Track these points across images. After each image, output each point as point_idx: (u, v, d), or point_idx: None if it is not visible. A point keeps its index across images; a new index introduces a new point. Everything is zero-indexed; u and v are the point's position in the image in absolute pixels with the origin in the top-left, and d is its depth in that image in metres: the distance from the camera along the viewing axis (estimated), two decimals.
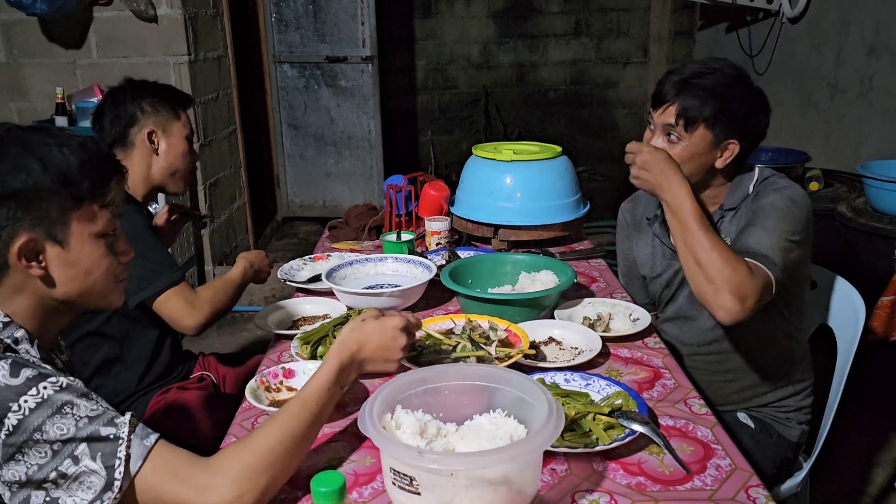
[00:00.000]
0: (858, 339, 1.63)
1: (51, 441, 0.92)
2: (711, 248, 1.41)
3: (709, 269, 1.40)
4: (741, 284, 1.38)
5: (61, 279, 1.05)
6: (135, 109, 1.78)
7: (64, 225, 1.03)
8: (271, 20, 5.11)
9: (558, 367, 1.41)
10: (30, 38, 3.59)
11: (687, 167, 1.52)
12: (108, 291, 1.11)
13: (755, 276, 1.40)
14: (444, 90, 6.05)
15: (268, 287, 3.92)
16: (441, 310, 1.77)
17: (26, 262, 1.02)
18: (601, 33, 5.92)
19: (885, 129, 3.39)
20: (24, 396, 0.92)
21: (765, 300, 1.42)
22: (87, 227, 1.05)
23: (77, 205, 1.03)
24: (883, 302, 2.35)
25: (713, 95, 1.49)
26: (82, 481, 0.93)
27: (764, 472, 1.56)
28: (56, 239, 1.03)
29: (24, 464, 0.92)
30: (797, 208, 1.49)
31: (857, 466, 2.47)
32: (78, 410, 0.94)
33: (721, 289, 1.38)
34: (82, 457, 0.92)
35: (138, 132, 1.78)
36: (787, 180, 1.56)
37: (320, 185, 5.45)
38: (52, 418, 0.92)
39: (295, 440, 1.03)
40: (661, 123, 1.55)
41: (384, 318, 1.20)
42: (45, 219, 1.01)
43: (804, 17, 4.02)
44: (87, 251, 1.06)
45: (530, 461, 0.99)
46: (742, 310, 1.38)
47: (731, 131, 1.51)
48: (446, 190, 2.38)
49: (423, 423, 1.06)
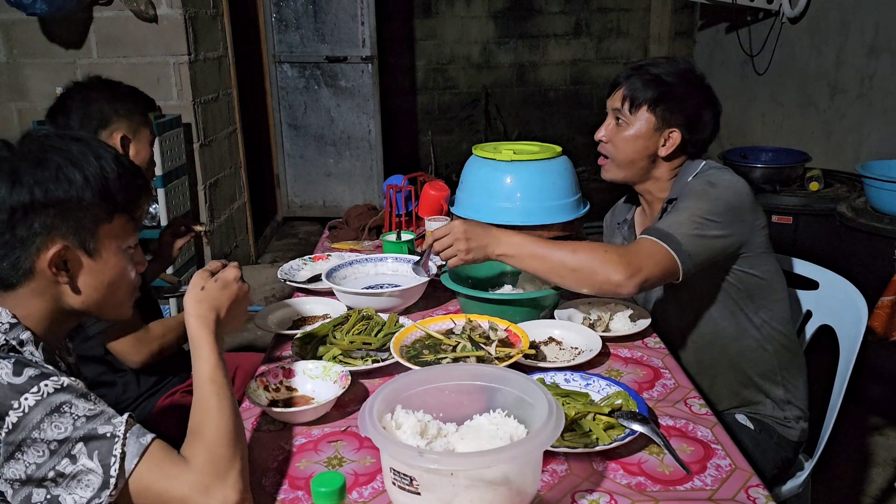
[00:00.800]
0: (861, 339, 1.63)
1: (48, 440, 0.92)
2: (573, 251, 1.46)
3: (585, 264, 1.45)
4: (621, 258, 1.43)
5: (86, 289, 1.07)
6: (108, 111, 1.71)
7: (95, 236, 1.05)
8: (271, 20, 5.11)
9: (558, 367, 1.41)
10: (30, 38, 3.59)
11: (630, 148, 1.64)
12: (124, 302, 1.13)
13: (637, 245, 1.47)
14: (444, 90, 6.05)
15: (268, 287, 3.92)
16: (441, 310, 1.77)
17: (55, 270, 1.03)
18: (601, 33, 5.93)
19: (885, 129, 3.39)
20: (25, 395, 0.93)
21: (665, 268, 1.45)
22: (116, 240, 1.08)
23: (110, 217, 1.06)
24: (883, 302, 2.35)
25: (657, 80, 1.61)
26: (80, 479, 0.93)
27: (765, 473, 1.56)
28: (87, 249, 1.05)
29: (23, 462, 0.93)
30: (716, 189, 1.52)
31: (858, 466, 2.47)
32: (76, 410, 0.94)
33: (606, 271, 1.43)
34: (80, 456, 0.93)
35: (109, 135, 1.71)
36: (720, 170, 1.60)
37: (320, 185, 5.45)
38: (51, 417, 0.93)
39: (234, 414, 1.05)
40: (611, 108, 1.67)
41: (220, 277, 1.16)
42: (80, 229, 1.03)
43: (804, 17, 4.02)
44: (114, 263, 1.08)
45: (530, 461, 0.99)
46: (636, 275, 1.42)
47: (672, 118, 1.61)
48: (446, 190, 2.38)
49: (424, 424, 1.06)
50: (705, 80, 1.66)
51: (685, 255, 1.45)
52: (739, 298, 1.61)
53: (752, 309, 1.62)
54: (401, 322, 1.60)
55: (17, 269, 1.03)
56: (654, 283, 1.47)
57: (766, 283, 1.61)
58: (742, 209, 1.53)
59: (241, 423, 1.08)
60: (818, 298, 1.82)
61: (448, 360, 1.39)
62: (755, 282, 1.60)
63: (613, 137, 1.67)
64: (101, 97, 1.72)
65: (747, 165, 3.37)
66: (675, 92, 1.60)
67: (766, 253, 1.61)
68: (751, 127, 4.66)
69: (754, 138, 4.57)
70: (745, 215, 1.53)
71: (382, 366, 1.43)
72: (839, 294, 1.75)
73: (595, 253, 1.45)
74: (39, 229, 1.01)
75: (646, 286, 1.45)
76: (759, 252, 1.58)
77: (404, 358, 1.37)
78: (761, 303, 1.62)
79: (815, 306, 1.83)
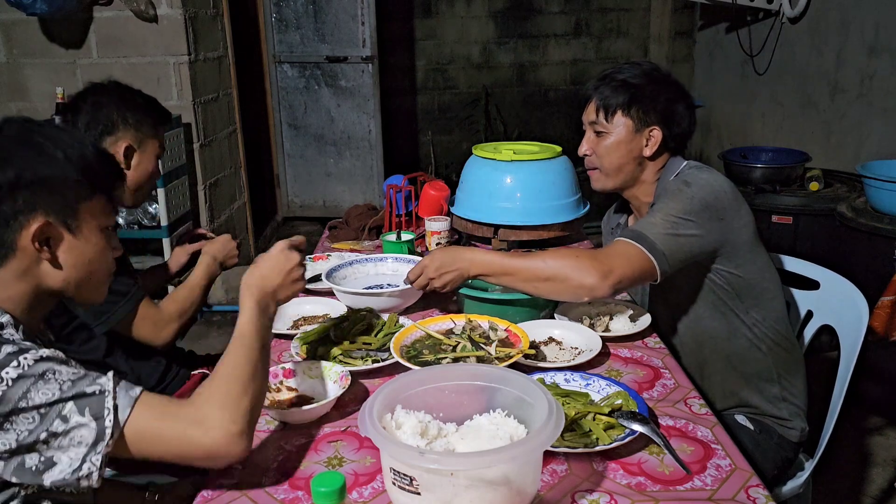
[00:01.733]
0: (862, 339, 1.63)
1: (37, 406, 0.94)
2: (543, 261, 1.48)
3: (558, 272, 1.46)
4: (592, 261, 1.44)
5: (66, 266, 1.09)
6: (117, 119, 1.69)
7: (76, 214, 1.08)
8: (271, 20, 5.11)
9: (558, 367, 1.41)
10: (30, 38, 3.59)
11: (616, 155, 1.65)
12: (101, 284, 1.16)
13: (609, 248, 1.49)
14: (444, 90, 6.05)
15: None
16: (441, 310, 1.77)
17: (38, 245, 1.05)
18: (601, 33, 5.92)
19: (885, 129, 3.39)
20: (5, 369, 0.95)
21: (638, 268, 1.46)
22: (96, 219, 1.11)
23: (90, 196, 1.09)
24: (883, 302, 2.35)
25: (626, 84, 1.63)
26: (73, 437, 0.95)
27: (765, 473, 1.56)
28: (68, 226, 1.08)
29: (14, 432, 0.95)
30: (690, 188, 1.53)
31: (858, 466, 2.47)
32: (60, 375, 0.97)
33: (579, 276, 1.44)
34: (71, 415, 0.95)
35: (114, 143, 1.69)
36: (699, 169, 1.61)
37: (320, 185, 5.45)
38: (36, 385, 0.95)
39: (254, 366, 1.09)
40: (587, 122, 1.69)
41: (270, 251, 1.27)
42: (62, 206, 1.06)
43: (804, 17, 4.02)
44: (94, 241, 1.11)
45: (530, 461, 0.99)
46: (608, 277, 1.43)
47: (649, 117, 1.62)
48: (446, 190, 2.38)
49: (425, 425, 1.06)
50: (671, 76, 1.68)
51: (659, 255, 1.46)
52: (728, 298, 1.60)
53: (743, 308, 1.61)
54: (401, 322, 1.60)
55: (1, 246, 1.05)
56: (630, 284, 1.48)
57: (754, 281, 1.60)
58: (719, 208, 1.53)
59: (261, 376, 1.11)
60: (819, 298, 1.81)
61: (448, 360, 1.39)
62: (742, 281, 1.59)
63: (597, 148, 1.68)
64: (112, 103, 1.70)
65: (747, 165, 3.37)
66: (645, 91, 1.62)
67: (754, 252, 1.60)
68: (751, 127, 4.66)
69: (754, 138, 4.57)
70: (723, 214, 1.53)
71: (382, 366, 1.43)
72: (840, 294, 1.74)
73: (566, 259, 1.47)
74: (23, 206, 1.04)
75: (620, 287, 1.47)
76: (745, 251, 1.57)
77: (404, 358, 1.37)
78: (752, 302, 1.61)
79: (816, 306, 1.83)
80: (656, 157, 1.66)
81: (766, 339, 1.63)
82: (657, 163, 1.67)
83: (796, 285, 1.87)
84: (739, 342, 1.63)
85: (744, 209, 1.58)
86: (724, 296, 1.60)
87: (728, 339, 1.63)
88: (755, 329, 1.62)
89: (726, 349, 1.64)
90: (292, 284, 1.25)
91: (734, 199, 1.56)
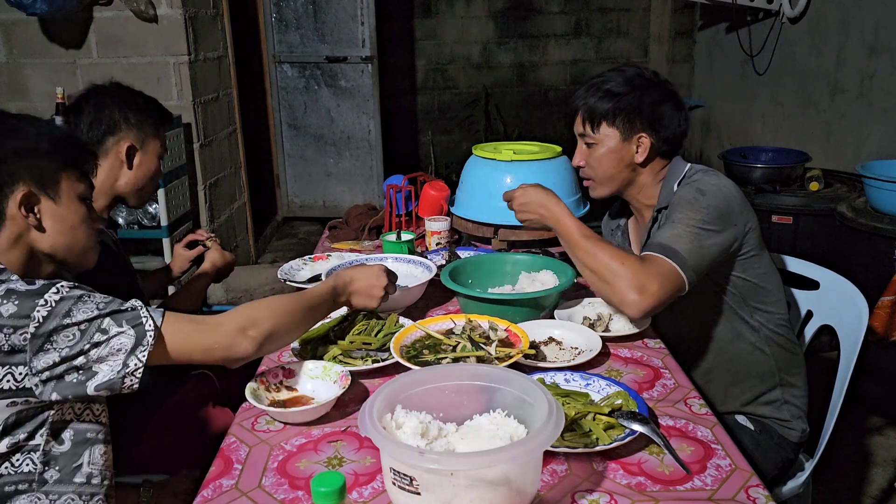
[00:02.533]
0: (862, 339, 1.62)
1: (78, 322, 1.06)
2: (598, 252, 1.49)
3: (601, 271, 1.47)
4: (635, 276, 1.43)
5: (52, 231, 1.21)
6: (119, 118, 1.71)
7: (55, 183, 1.21)
8: (271, 20, 5.11)
9: (558, 367, 1.40)
10: (30, 38, 3.59)
11: (607, 165, 1.66)
12: (88, 248, 1.28)
13: (650, 264, 1.45)
14: (444, 90, 6.05)
15: (268, 287, 3.92)
16: (441, 310, 1.77)
17: (24, 212, 1.17)
18: (601, 33, 5.92)
19: (885, 129, 3.39)
20: (46, 293, 1.07)
21: (673, 287, 1.44)
22: (74, 188, 1.23)
23: (64, 167, 1.22)
24: (883, 302, 2.35)
25: (609, 94, 1.63)
26: (112, 345, 1.08)
27: (765, 473, 1.56)
28: (49, 194, 1.20)
29: (55, 350, 1.06)
30: (706, 196, 1.52)
31: (858, 466, 2.47)
32: (95, 298, 1.10)
33: (617, 285, 1.44)
34: (110, 327, 1.08)
35: (116, 142, 1.71)
36: (706, 173, 1.60)
37: (320, 185, 5.45)
38: (76, 304, 1.08)
39: (296, 308, 1.29)
40: (577, 134, 1.70)
41: (371, 264, 1.50)
42: (41, 175, 1.19)
43: (804, 17, 4.02)
44: (74, 208, 1.23)
45: (530, 461, 0.99)
46: (644, 299, 1.42)
47: (635, 125, 1.62)
48: (446, 190, 2.38)
49: (426, 425, 1.06)
50: (658, 77, 1.66)
51: (690, 270, 1.45)
52: (734, 302, 1.61)
53: (748, 312, 1.62)
54: (401, 322, 1.60)
55: None
56: (663, 305, 1.45)
57: (759, 284, 1.60)
58: (732, 213, 1.53)
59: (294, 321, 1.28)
60: (819, 298, 1.81)
61: (448, 360, 1.39)
62: (748, 284, 1.59)
63: (588, 160, 1.69)
64: (115, 104, 1.72)
65: (747, 165, 3.37)
66: (628, 99, 1.61)
67: (759, 255, 1.60)
68: (751, 127, 4.66)
69: (754, 138, 4.57)
70: (735, 219, 1.53)
71: (382, 366, 1.43)
72: (840, 294, 1.74)
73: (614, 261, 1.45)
74: (7, 178, 1.16)
75: (653, 312, 1.45)
76: (752, 255, 1.58)
77: (404, 358, 1.37)
78: (756, 305, 1.61)
79: (816, 306, 1.83)
80: (649, 161, 1.66)
81: (770, 342, 1.63)
82: (654, 166, 1.67)
83: (796, 285, 1.87)
84: (743, 345, 1.63)
85: (750, 212, 1.58)
86: (731, 299, 1.60)
87: (732, 342, 1.63)
88: (759, 332, 1.62)
89: (730, 352, 1.64)
90: (368, 297, 1.45)
91: (743, 204, 1.56)
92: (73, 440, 1.18)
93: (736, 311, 1.62)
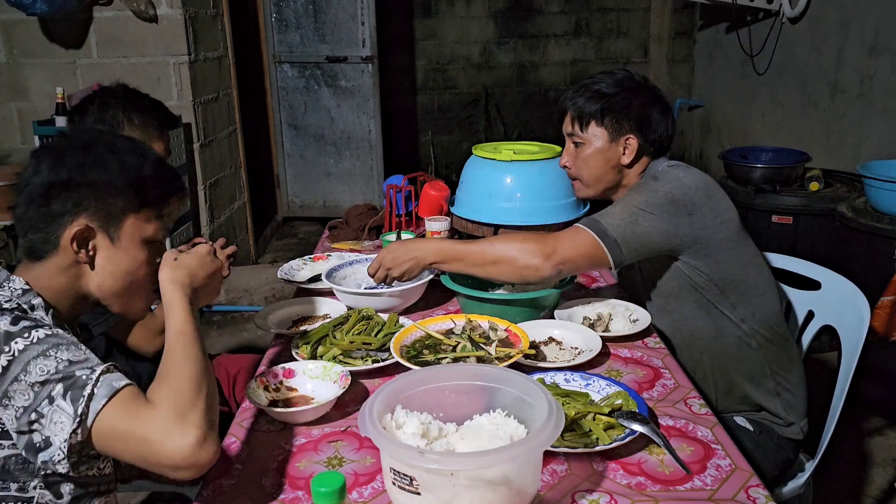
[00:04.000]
0: (863, 339, 1.62)
1: (31, 383, 0.96)
2: (490, 244, 1.56)
3: (503, 255, 1.53)
4: (538, 243, 1.51)
5: (103, 273, 1.13)
6: (123, 119, 1.73)
7: (120, 223, 1.12)
8: (271, 20, 5.11)
9: (558, 367, 1.40)
10: (30, 38, 3.59)
11: (593, 165, 1.68)
12: (140, 298, 1.18)
13: (563, 233, 1.54)
14: (444, 90, 6.05)
15: (268, 287, 3.92)
16: (441, 310, 1.77)
17: (77, 247, 1.10)
18: (601, 33, 5.92)
19: (885, 129, 3.39)
20: (15, 339, 0.98)
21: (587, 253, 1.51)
22: (140, 232, 1.14)
23: (137, 209, 1.13)
24: (883, 302, 2.35)
25: (598, 94, 1.65)
26: (56, 421, 0.95)
27: (765, 473, 1.56)
28: (109, 234, 1.12)
29: (13, 408, 0.96)
30: (657, 182, 1.57)
31: (858, 467, 2.47)
32: (61, 355, 0.98)
33: (524, 257, 1.50)
34: (56, 397, 0.96)
35: None
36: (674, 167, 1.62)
37: (320, 185, 5.45)
38: (37, 360, 0.97)
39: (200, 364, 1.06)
40: (566, 134, 1.72)
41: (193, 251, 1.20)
42: (106, 213, 1.11)
43: (804, 17, 4.02)
44: (133, 253, 1.14)
45: (530, 461, 0.99)
46: (553, 256, 1.50)
47: (623, 126, 1.64)
48: (446, 190, 2.38)
49: (426, 426, 1.06)
50: (648, 82, 1.70)
51: (611, 242, 1.50)
52: (711, 296, 1.60)
53: (728, 305, 1.61)
54: (401, 322, 1.60)
55: (46, 242, 1.10)
56: (576, 267, 1.54)
57: (738, 278, 1.60)
58: (687, 203, 1.53)
59: (209, 372, 1.07)
60: (820, 299, 1.81)
61: (448, 360, 1.39)
62: (725, 278, 1.59)
63: (576, 160, 1.71)
64: (119, 104, 1.73)
65: (747, 165, 3.37)
66: (617, 100, 1.63)
67: (736, 248, 1.59)
68: (751, 127, 4.66)
69: (754, 138, 4.57)
70: (692, 209, 1.53)
71: (382, 366, 1.43)
72: (841, 294, 1.74)
73: (513, 242, 1.53)
74: (70, 206, 1.09)
75: (564, 268, 1.52)
76: (724, 248, 1.57)
77: (404, 358, 1.37)
78: (737, 298, 1.61)
79: (817, 306, 1.82)
80: (635, 163, 1.67)
81: (757, 336, 1.63)
82: (638, 167, 1.68)
83: (797, 285, 1.87)
84: (728, 340, 1.63)
85: (722, 205, 1.58)
86: (708, 293, 1.60)
87: (716, 337, 1.63)
88: (744, 325, 1.62)
89: (714, 348, 1.64)
90: (213, 291, 1.22)
91: (707, 196, 1.56)
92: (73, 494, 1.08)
93: (715, 306, 1.61)
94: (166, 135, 1.82)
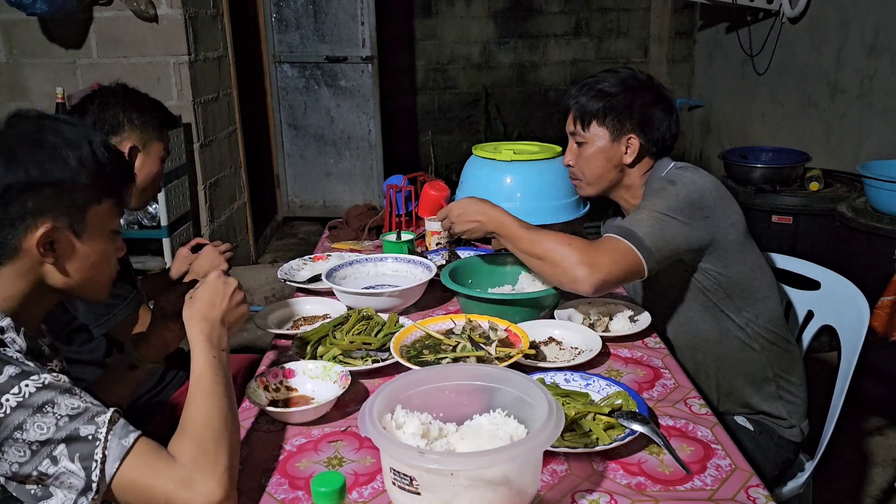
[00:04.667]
0: (863, 339, 1.62)
1: (30, 442, 0.92)
2: (542, 239, 1.52)
3: (548, 255, 1.50)
4: (584, 253, 1.46)
5: (71, 270, 1.08)
6: (122, 119, 1.71)
7: (84, 218, 1.06)
8: (271, 20, 5.11)
9: (558, 367, 1.40)
10: (30, 38, 3.59)
11: (595, 164, 1.67)
12: (104, 284, 1.15)
13: (602, 243, 1.50)
14: (444, 90, 6.05)
15: (268, 287, 3.92)
16: (441, 310, 1.77)
17: (43, 250, 1.03)
18: (601, 33, 5.92)
19: (885, 129, 3.39)
20: (5, 395, 0.93)
21: (627, 265, 1.47)
22: (103, 223, 1.09)
23: (99, 200, 1.07)
24: (883, 302, 2.35)
25: (601, 94, 1.64)
26: (63, 481, 0.93)
27: (765, 473, 1.56)
28: (75, 231, 1.06)
29: (6, 461, 0.93)
30: (675, 186, 1.55)
31: (858, 467, 2.47)
32: (59, 409, 0.94)
33: (565, 265, 1.47)
34: (61, 458, 0.93)
35: (119, 143, 1.70)
36: (685, 169, 1.61)
37: (320, 185, 5.45)
38: (33, 417, 0.93)
39: (224, 414, 1.05)
40: (568, 133, 1.71)
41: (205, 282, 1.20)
42: (70, 210, 1.04)
43: (804, 17, 4.02)
44: (100, 246, 1.09)
45: (530, 461, 0.99)
46: (594, 272, 1.45)
47: (625, 125, 1.63)
48: (446, 190, 2.38)
49: (426, 426, 1.06)
50: (653, 81, 1.68)
51: (647, 251, 1.47)
52: (718, 299, 1.60)
53: (734, 308, 1.61)
54: (401, 322, 1.60)
55: (3, 248, 1.03)
56: (617, 282, 1.48)
57: (745, 281, 1.60)
58: (704, 206, 1.53)
59: (234, 421, 1.07)
60: (819, 299, 1.81)
61: (448, 360, 1.39)
62: (732, 280, 1.59)
63: (578, 159, 1.70)
64: (119, 104, 1.72)
65: (747, 165, 3.37)
66: (619, 100, 1.63)
67: (744, 250, 1.59)
68: (751, 127, 4.66)
69: (754, 138, 4.57)
70: (709, 212, 1.53)
71: (382, 366, 1.43)
72: (841, 294, 1.74)
73: (560, 245, 1.49)
74: (32, 209, 1.01)
75: (605, 287, 1.47)
76: (734, 250, 1.57)
77: (404, 358, 1.37)
78: (743, 302, 1.61)
79: (817, 307, 1.82)
80: (637, 163, 1.66)
81: (760, 339, 1.62)
82: (641, 167, 1.67)
83: (796, 285, 1.87)
84: (731, 343, 1.63)
85: (731, 208, 1.58)
86: (714, 296, 1.60)
87: (720, 340, 1.63)
88: (748, 329, 1.62)
89: (718, 350, 1.64)
90: (237, 308, 1.20)
91: (719, 198, 1.56)
92: None
93: (721, 309, 1.61)
94: (166, 135, 1.81)
